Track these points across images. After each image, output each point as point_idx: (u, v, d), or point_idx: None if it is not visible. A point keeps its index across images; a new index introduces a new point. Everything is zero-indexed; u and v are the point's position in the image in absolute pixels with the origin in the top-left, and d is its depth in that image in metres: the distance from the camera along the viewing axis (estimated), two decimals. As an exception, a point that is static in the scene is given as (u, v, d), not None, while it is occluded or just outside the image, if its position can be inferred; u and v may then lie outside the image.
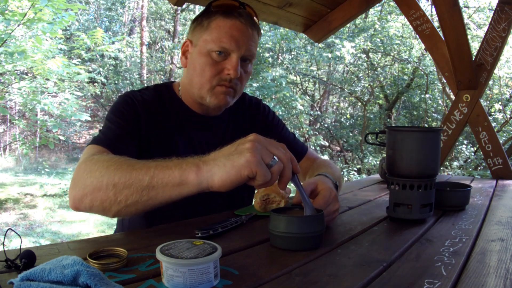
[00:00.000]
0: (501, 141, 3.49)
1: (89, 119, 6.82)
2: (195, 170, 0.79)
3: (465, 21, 3.14)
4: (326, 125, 11.00)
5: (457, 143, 5.41)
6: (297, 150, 1.39)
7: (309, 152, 1.42)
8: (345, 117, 11.58)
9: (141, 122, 1.12)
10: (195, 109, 1.22)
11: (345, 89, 10.82)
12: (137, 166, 0.84)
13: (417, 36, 5.10)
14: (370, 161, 8.82)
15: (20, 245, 0.70)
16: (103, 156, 0.94)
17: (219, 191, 0.79)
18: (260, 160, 0.75)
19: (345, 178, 8.95)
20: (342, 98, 12.87)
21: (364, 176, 8.53)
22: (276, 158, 0.77)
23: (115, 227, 1.38)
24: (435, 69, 8.43)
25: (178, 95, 1.23)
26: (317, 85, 12.68)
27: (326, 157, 8.89)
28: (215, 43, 1.08)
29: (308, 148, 1.44)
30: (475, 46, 6.81)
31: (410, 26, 3.04)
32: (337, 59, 8.76)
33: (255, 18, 1.17)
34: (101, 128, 1.10)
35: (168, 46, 14.69)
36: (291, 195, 1.24)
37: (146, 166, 0.83)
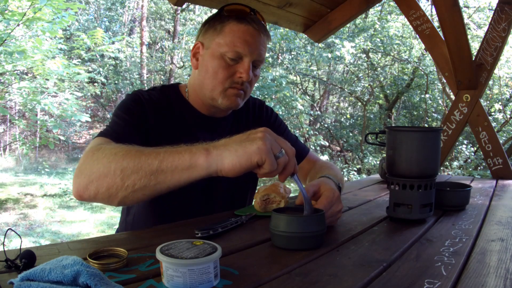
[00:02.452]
0: (501, 141, 3.49)
1: (89, 119, 6.82)
2: (205, 154, 0.80)
3: (465, 21, 3.13)
4: (326, 125, 11.00)
5: (457, 143, 5.41)
6: (298, 152, 1.40)
7: (310, 154, 1.43)
8: (345, 117, 11.58)
9: (148, 121, 1.13)
10: (202, 111, 1.23)
11: (345, 89, 10.82)
12: (146, 152, 0.85)
13: (417, 36, 5.10)
14: (370, 161, 8.82)
15: (20, 245, 0.70)
16: (111, 144, 0.94)
17: (227, 176, 0.80)
18: (270, 149, 0.78)
19: (345, 178, 8.92)
20: (342, 98, 12.87)
21: (364, 176, 8.53)
22: (283, 151, 0.81)
23: (115, 227, 1.38)
24: (435, 69, 8.42)
25: (185, 96, 1.24)
26: (317, 85, 12.68)
27: (326, 157, 8.89)
28: (229, 47, 1.10)
29: (309, 150, 1.44)
30: (475, 46, 6.81)
31: (410, 26, 3.04)
32: (337, 59, 8.77)
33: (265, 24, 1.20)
34: (107, 124, 1.11)
35: (168, 46, 14.68)
36: (291, 195, 1.24)
37: (155, 151, 0.84)
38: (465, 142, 7.70)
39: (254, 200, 1.22)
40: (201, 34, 1.19)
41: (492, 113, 7.42)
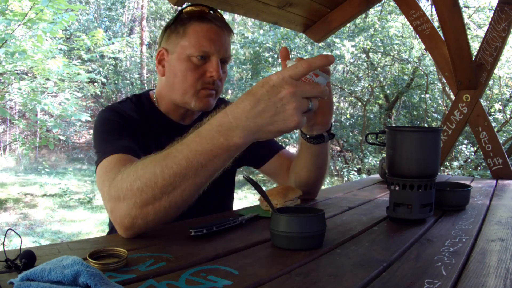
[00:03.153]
0: (501, 141, 3.49)
1: (89, 119, 6.82)
2: (242, 137, 0.77)
3: (465, 21, 3.14)
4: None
5: (457, 143, 5.41)
6: (272, 148, 1.38)
7: (284, 151, 1.40)
8: (345, 117, 11.58)
9: (128, 130, 1.11)
10: (172, 117, 1.22)
11: (345, 89, 10.82)
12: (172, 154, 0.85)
13: (417, 36, 5.10)
14: (370, 161, 8.82)
15: (20, 245, 0.70)
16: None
17: None
18: (302, 119, 0.74)
19: (345, 178, 8.94)
20: (342, 98, 12.86)
21: (364, 176, 8.53)
22: (311, 104, 0.75)
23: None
24: (435, 69, 8.43)
25: (155, 104, 1.23)
26: (317, 85, 12.64)
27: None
28: (196, 48, 1.10)
29: (283, 148, 1.42)
30: (475, 46, 6.81)
31: (410, 26, 3.04)
32: (337, 59, 8.76)
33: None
34: (97, 152, 1.04)
35: (168, 46, 14.66)
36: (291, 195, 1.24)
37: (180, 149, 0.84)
38: (465, 142, 7.70)
39: (259, 200, 1.22)
40: (163, 40, 1.18)
41: (492, 113, 7.43)
